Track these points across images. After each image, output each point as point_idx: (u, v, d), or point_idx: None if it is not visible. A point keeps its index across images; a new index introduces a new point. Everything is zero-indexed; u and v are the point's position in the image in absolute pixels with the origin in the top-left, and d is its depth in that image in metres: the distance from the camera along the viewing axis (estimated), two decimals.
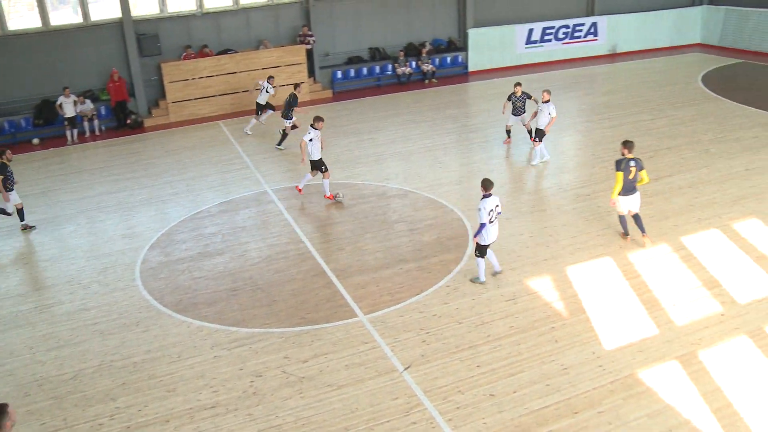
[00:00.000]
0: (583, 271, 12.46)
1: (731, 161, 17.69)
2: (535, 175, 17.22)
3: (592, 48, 31.63)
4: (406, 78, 27.39)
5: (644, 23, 32.55)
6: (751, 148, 18.65)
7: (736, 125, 20.72)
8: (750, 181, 16.34)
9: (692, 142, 19.22)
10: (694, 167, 17.37)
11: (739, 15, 32.44)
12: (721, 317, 10.95)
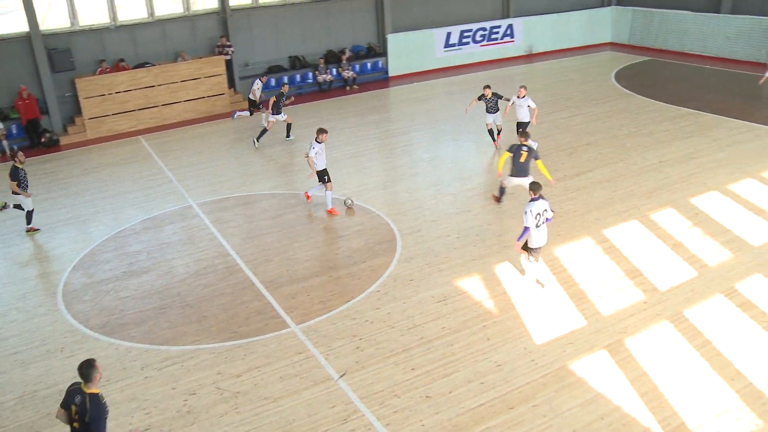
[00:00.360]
0: (511, 269, 12.67)
1: (646, 154, 18.34)
2: (458, 177, 17.44)
3: (509, 49, 32.31)
4: (327, 85, 27.34)
5: (558, 24, 33.47)
6: (663, 141, 19.39)
7: (648, 120, 21.50)
8: (663, 173, 16.99)
9: (609, 138, 19.85)
10: (611, 162, 17.93)
11: (645, 15, 33.76)
12: (644, 305, 11.32)
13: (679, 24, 32.28)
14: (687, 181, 16.47)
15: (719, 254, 12.93)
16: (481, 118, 22.37)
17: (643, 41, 33.82)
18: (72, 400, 7.11)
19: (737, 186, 16.05)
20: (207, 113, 24.87)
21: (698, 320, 10.85)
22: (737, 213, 14.65)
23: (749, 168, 17.12)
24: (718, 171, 17.00)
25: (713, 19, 30.95)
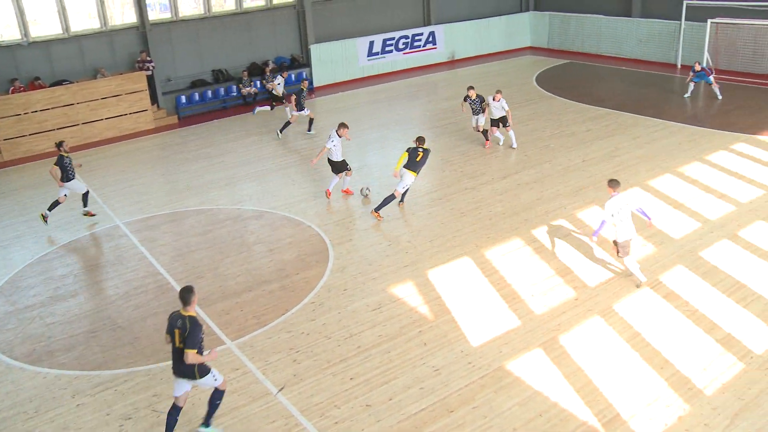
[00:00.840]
0: (443, 273, 12.79)
1: (569, 154, 18.83)
2: (387, 185, 17.51)
3: (431, 56, 32.70)
4: (252, 98, 27.08)
5: (478, 30, 34.09)
6: (585, 141, 19.95)
7: (570, 120, 22.09)
8: (587, 172, 17.47)
9: (533, 140, 20.29)
10: (537, 163, 18.33)
11: (562, 19, 34.77)
12: (575, 302, 11.59)
13: (594, 28, 33.35)
14: (611, 176, 16.92)
15: (644, 248, 13.36)
16: (406, 126, 22.58)
17: (561, 45, 34.82)
18: (174, 325, 8.35)
19: (657, 181, 16.64)
20: (130, 130, 24.27)
21: (627, 313, 11.18)
22: (658, 207, 15.18)
23: (666, 164, 17.78)
24: (639, 168, 17.59)
25: (626, 23, 32.11)
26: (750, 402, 9.06)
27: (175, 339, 8.32)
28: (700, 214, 14.80)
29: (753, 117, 21.72)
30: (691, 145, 19.20)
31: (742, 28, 27.32)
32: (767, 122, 21.15)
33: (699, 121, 21.64)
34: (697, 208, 15.11)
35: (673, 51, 30.34)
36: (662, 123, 21.41)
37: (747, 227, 14.07)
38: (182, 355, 8.25)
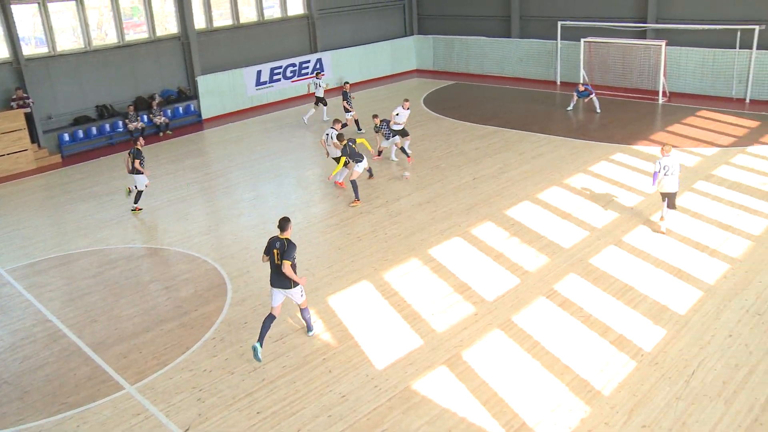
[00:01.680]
0: (344, 299, 12.76)
1: (460, 173, 19.28)
2: (283, 213, 17.38)
3: None
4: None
5: (365, 55, 34.57)
6: (474, 159, 20.50)
7: (458, 140, 22.66)
8: (478, 189, 17.94)
9: (424, 160, 20.66)
10: (429, 183, 18.66)
11: (445, 42, 35.80)
12: (475, 317, 11.82)
13: (477, 49, 34.50)
14: (500, 194, 17.49)
15: (537, 259, 13.81)
16: (299, 153, 22.55)
17: (446, 66, 35.81)
18: (273, 246, 10.65)
19: (545, 194, 17.27)
20: (9, 172, 23.02)
21: (526, 324, 11.49)
22: (548, 219, 15.75)
23: (553, 176, 18.50)
24: (527, 182, 18.21)
25: (506, 44, 33.42)
26: (643, 397, 9.49)
27: (275, 257, 10.61)
28: (587, 222, 15.46)
29: (627, 128, 22.99)
30: (574, 158, 20.07)
31: (612, 46, 28.94)
32: (640, 133, 22.45)
33: (580, 135, 22.69)
34: (584, 217, 15.77)
35: (551, 69, 31.76)
36: (546, 138, 22.30)
37: (630, 232, 14.80)
38: (280, 270, 10.51)
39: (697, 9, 27.47)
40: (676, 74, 27.93)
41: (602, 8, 30.22)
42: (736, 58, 26.15)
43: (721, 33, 26.53)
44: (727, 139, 21.24)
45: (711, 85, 27.22)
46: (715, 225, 15.00)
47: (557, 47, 31.07)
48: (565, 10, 31.33)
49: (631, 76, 28.96)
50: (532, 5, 32.93)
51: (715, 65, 26.97)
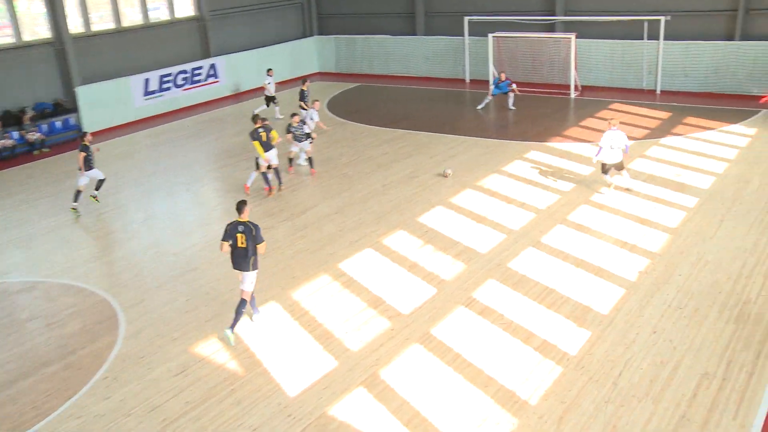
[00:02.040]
0: (250, 321, 12.51)
1: (369, 180, 19.31)
2: (179, 234, 16.96)
3: (215, 90, 32.37)
4: (9, 152, 25.09)
5: (262, 59, 34.22)
6: (383, 164, 20.59)
7: (366, 145, 22.72)
8: (389, 196, 18.00)
9: (330, 168, 20.60)
10: (336, 192, 18.61)
11: (347, 42, 35.96)
12: (392, 332, 11.79)
13: (381, 48, 34.81)
14: (412, 200, 17.61)
15: (453, 267, 13.93)
16: (194, 168, 22.13)
17: (350, 68, 35.97)
18: (236, 230, 11.58)
19: (458, 198, 17.49)
20: None
21: (445, 336, 11.54)
22: (462, 224, 15.94)
23: (465, 179, 18.77)
24: (439, 186, 18.40)
25: (411, 41, 33.88)
26: (572, 404, 9.67)
27: (238, 240, 11.56)
28: (503, 225, 15.74)
29: (540, 125, 23.63)
30: (487, 158, 20.44)
31: (521, 40, 29.76)
32: (553, 129, 23.12)
33: (493, 134, 23.16)
34: (500, 219, 16.05)
35: (460, 66, 32.37)
36: (458, 138, 22.64)
37: (548, 233, 15.15)
38: (244, 252, 11.55)
39: (605, 1, 28.60)
40: (587, 67, 28.98)
41: (510, 2, 31.10)
42: (645, 49, 27.34)
43: (629, 24, 27.70)
44: (640, 131, 22.11)
45: (622, 77, 28.38)
46: (632, 220, 15.54)
47: (465, 44, 31.70)
48: (472, 5, 32.03)
49: (541, 71, 29.84)
50: (437, 1, 33.51)
51: (625, 57, 28.16)
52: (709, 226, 14.95)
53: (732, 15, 26.21)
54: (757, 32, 25.94)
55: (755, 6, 25.78)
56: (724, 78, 26.30)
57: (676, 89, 27.18)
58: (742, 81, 25.99)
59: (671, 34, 26.77)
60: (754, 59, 25.61)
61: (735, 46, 25.98)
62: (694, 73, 26.85)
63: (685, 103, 25.51)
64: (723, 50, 26.15)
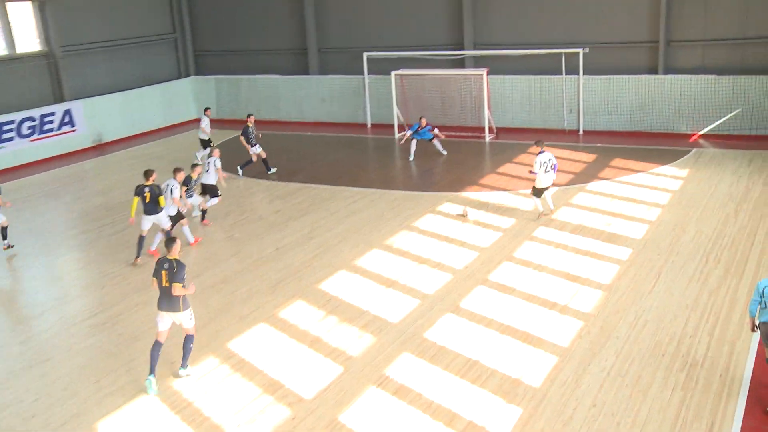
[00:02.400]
0: (119, 422, 11.93)
1: (260, 243, 19.06)
2: (22, 319, 16.18)
3: (72, 141, 31.55)
4: None
5: (129, 103, 33.77)
6: (276, 224, 20.41)
7: (256, 202, 22.55)
8: (284, 261, 17.78)
9: (213, 231, 20.26)
10: (222, 259, 18.25)
11: (230, 83, 35.96)
12: (293, 421, 11.47)
13: (270, 90, 34.96)
14: (311, 264, 17.44)
15: (361, 340, 13.76)
16: (46, 237, 21.40)
17: (234, 113, 35.89)
18: (162, 267, 12.31)
19: (364, 259, 17.43)
20: None
21: (355, 422, 11.30)
22: (370, 290, 15.84)
23: (371, 237, 18.77)
24: (342, 247, 18.32)
25: (304, 82, 34.19)
26: None
27: (162, 279, 12.23)
28: (416, 289, 15.72)
29: (453, 173, 24.01)
30: (395, 213, 20.55)
31: (427, 78, 30.41)
32: (468, 177, 23.57)
33: (400, 185, 23.43)
34: (413, 283, 16.04)
35: (360, 109, 32.72)
36: (361, 191, 22.74)
37: (467, 296, 15.22)
38: (169, 291, 12.16)
39: (518, 32, 29.75)
40: (502, 107, 29.85)
41: (413, 35, 31.86)
42: (564, 85, 28.35)
43: (545, 58, 28.75)
44: (564, 176, 22.76)
45: (541, 116, 29.36)
46: (561, 277, 15.81)
47: (365, 83, 32.11)
48: (371, 40, 32.67)
49: (452, 112, 30.52)
50: (331, 35, 34.04)
51: (543, 94, 29.15)
52: (645, 281, 15.36)
53: (653, 47, 27.60)
54: (680, 65, 27.39)
55: (676, 38, 27.26)
56: (651, 115, 27.59)
57: (600, 128, 28.28)
58: (669, 118, 27.33)
59: (591, 67, 27.94)
60: (680, 94, 26.99)
61: (659, 80, 27.34)
62: (618, 110, 28.08)
63: (610, 144, 26.55)
64: (647, 84, 27.50)
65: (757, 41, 26.16)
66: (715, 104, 26.62)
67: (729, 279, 15.16)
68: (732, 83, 26.24)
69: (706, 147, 25.58)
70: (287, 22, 35.06)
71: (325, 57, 34.42)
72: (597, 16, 28.24)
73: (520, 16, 29.66)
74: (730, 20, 26.43)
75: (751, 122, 26.27)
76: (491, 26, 30.22)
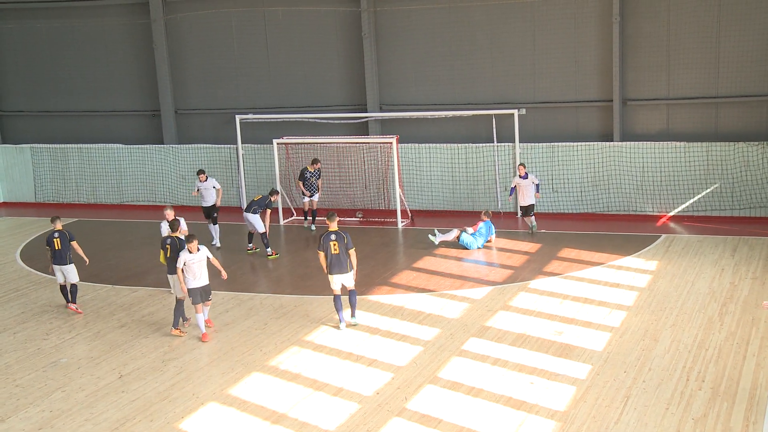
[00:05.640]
0: None
1: (98, 370, 18.50)
2: None
3: None
4: None
5: None
6: (120, 344, 19.92)
7: (91, 314, 22.08)
8: (131, 392, 17.23)
9: (29, 356, 19.64)
10: (44, 393, 17.57)
11: (54, 155, 35.66)
12: None
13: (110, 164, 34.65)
14: (168, 397, 16.96)
15: None
16: None
17: (59, 195, 35.60)
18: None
19: (239, 388, 16.99)
20: None
21: None
22: (249, 429, 15.44)
23: (251, 358, 18.40)
24: (211, 371, 17.94)
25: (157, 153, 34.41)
26: None
27: (332, 248, 19.46)
28: (311, 425, 15.36)
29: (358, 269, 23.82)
30: (283, 323, 20.31)
31: (319, 148, 30.54)
32: (376, 275, 23.65)
33: (287, 286, 23.55)
34: (307, 417, 15.64)
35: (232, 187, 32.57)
36: (236, 296, 22.48)
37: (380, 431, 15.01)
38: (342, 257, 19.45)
39: (436, 90, 30.20)
40: (418, 183, 30.01)
41: (301, 93, 31.99)
42: (497, 155, 28.78)
43: (471, 122, 29.28)
44: (499, 272, 22.94)
45: (468, 195, 29.59)
46: (501, 404, 15.67)
47: (238, 153, 32.03)
48: (245, 98, 32.72)
49: (353, 191, 30.60)
50: (193, 93, 33.92)
51: (470, 167, 29.52)
52: (610, 408, 15.33)
53: (606, 107, 28.36)
54: (641, 129, 28.18)
55: (634, 96, 28.08)
56: (607, 192, 28.22)
57: (545, 210, 28.65)
58: (630, 196, 27.93)
59: (530, 133, 28.52)
60: (642, 166, 27.68)
61: (615, 147, 28.05)
62: (565, 186, 28.60)
63: (558, 230, 27.04)
64: (600, 153, 28.15)
65: (733, 100, 27.24)
66: (686, 178, 27.47)
67: (718, 404, 15.22)
68: (706, 152, 27.13)
69: (679, 232, 26.28)
70: (134, 74, 35.02)
71: (185, 121, 34.37)
72: (534, 69, 29.08)
73: (437, 70, 30.32)
74: (699, 74, 27.47)
75: (731, 201, 27.17)
76: (401, 82, 30.64)
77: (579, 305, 20.41)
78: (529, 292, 21.48)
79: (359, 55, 31.06)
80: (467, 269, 23.73)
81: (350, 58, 31.46)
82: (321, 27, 31.87)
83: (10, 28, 36.35)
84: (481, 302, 20.84)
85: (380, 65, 30.85)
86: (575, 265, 23.45)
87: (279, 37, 32.38)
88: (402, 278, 23.40)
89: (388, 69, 30.90)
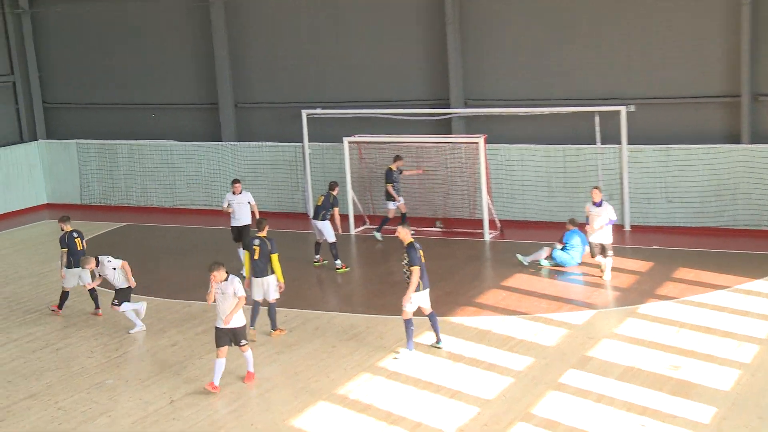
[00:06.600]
0: None
1: (148, 393, 18.56)
2: None
3: None
4: None
5: None
6: (171, 365, 20.00)
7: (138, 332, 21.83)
8: (182, 422, 17.06)
9: (69, 376, 19.64)
10: (80, 421, 17.61)
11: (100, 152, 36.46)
12: None
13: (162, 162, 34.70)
14: (224, 426, 16.93)
15: None
16: None
17: (106, 196, 36.10)
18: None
19: (305, 419, 16.79)
20: None
21: None
22: None
23: (316, 384, 18.14)
24: (272, 398, 17.83)
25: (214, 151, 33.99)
26: None
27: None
28: None
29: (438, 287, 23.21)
30: (353, 347, 20.09)
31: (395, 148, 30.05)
32: (460, 294, 23.36)
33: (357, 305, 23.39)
34: None
35: (297, 191, 32.35)
36: (300, 314, 22.23)
37: None
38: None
39: (529, 84, 29.73)
40: (509, 191, 29.53)
41: (375, 88, 31.73)
42: (600, 159, 28.13)
43: (571, 120, 28.69)
44: (601, 294, 22.36)
45: (565, 204, 28.94)
46: None
47: (304, 153, 31.78)
48: (312, 91, 32.53)
49: (435, 198, 30.16)
50: (255, 85, 33.78)
51: (569, 172, 28.86)
52: None
53: (733, 103, 27.55)
54: None
55: (765, 90, 27.18)
56: (733, 204, 27.33)
57: (656, 223, 28.11)
58: (763, 207, 26.94)
59: (640, 133, 27.81)
60: None
61: (743, 151, 27.20)
62: (683, 196, 27.78)
63: (672, 246, 26.34)
64: (725, 158, 27.21)
65: None
66: None
67: None
68: None
69: None
70: (189, 63, 35.11)
71: (246, 116, 34.28)
72: (645, 59, 28.43)
73: (532, 60, 29.88)
74: None
75: None
76: (489, 75, 30.27)
77: (700, 335, 19.75)
78: (639, 318, 20.90)
79: (442, 44, 30.69)
80: (565, 290, 23.24)
81: (432, 47, 31.16)
82: (399, 12, 31.67)
83: (57, 12, 36.57)
84: (582, 328, 20.38)
85: (465, 55, 30.48)
86: (694, 288, 22.80)
87: (352, 23, 32.30)
88: (489, 298, 22.96)
89: (474, 59, 30.53)
